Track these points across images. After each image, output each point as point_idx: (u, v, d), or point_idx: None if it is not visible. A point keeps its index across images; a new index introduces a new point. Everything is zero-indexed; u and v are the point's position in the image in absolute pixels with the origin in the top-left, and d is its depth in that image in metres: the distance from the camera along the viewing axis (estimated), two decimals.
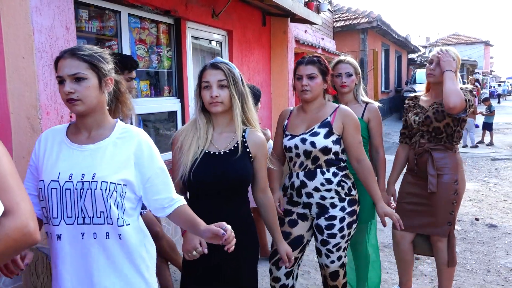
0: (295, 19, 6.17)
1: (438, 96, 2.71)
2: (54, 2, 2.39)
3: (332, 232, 2.32)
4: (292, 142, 2.34)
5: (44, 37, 2.31)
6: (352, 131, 2.31)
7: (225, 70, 1.82)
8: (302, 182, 2.32)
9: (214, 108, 1.82)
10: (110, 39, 3.42)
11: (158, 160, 1.56)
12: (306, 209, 2.39)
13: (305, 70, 2.30)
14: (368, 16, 12.95)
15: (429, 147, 2.68)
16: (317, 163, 2.30)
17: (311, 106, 2.37)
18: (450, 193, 2.68)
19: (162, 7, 3.80)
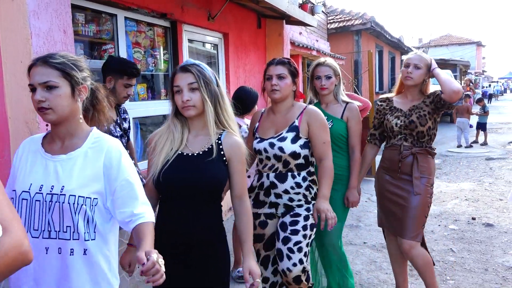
0: (290, 21, 6.20)
1: (414, 99, 2.78)
2: (52, 6, 2.37)
3: (295, 228, 2.32)
4: (261, 145, 2.36)
5: (42, 41, 2.30)
6: (317, 131, 2.33)
7: (194, 72, 1.74)
8: (272, 183, 2.34)
9: (187, 112, 1.76)
10: (106, 43, 3.41)
11: (125, 172, 1.50)
12: (273, 209, 2.40)
13: (275, 70, 2.33)
14: (361, 18, 13.00)
15: (415, 151, 2.71)
16: (288, 166, 2.32)
17: (280, 107, 2.39)
18: (427, 196, 2.73)
19: (158, 10, 3.80)
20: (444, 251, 4.13)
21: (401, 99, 2.86)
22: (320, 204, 2.31)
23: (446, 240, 4.43)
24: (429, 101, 2.72)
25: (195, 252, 1.78)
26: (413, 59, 2.74)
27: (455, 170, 8.04)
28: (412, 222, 2.71)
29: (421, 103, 2.74)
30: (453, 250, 4.13)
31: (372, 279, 3.54)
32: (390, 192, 2.81)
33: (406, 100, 2.83)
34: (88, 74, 1.55)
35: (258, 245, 2.49)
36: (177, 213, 1.78)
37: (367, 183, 6.08)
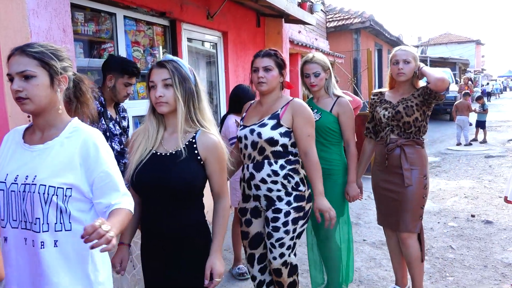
0: (289, 19, 6.21)
1: (405, 92, 2.80)
2: (51, 5, 2.39)
3: (275, 225, 2.30)
4: (242, 132, 2.37)
5: (41, 39, 2.31)
6: (301, 124, 2.30)
7: (170, 68, 1.69)
8: (251, 174, 2.33)
9: (160, 109, 1.71)
10: (106, 41, 3.42)
11: (104, 162, 1.48)
12: (256, 202, 2.39)
13: (261, 62, 2.31)
14: (360, 16, 13.02)
15: (401, 143, 2.72)
16: (264, 154, 2.29)
17: (268, 99, 2.38)
18: (421, 188, 2.74)
19: (158, 9, 3.81)
20: (444, 248, 4.14)
21: (393, 93, 2.88)
22: (320, 203, 2.32)
23: (445, 237, 4.44)
24: (417, 94, 2.74)
25: (174, 252, 1.75)
26: (401, 55, 2.75)
27: (454, 168, 8.05)
28: (408, 215, 2.73)
29: (410, 95, 2.76)
30: (453, 247, 4.15)
31: (372, 275, 3.55)
32: (384, 187, 2.83)
33: (397, 94, 2.85)
34: (69, 64, 1.53)
35: (245, 242, 2.50)
36: (154, 213, 1.75)
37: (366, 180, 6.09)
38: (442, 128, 13.51)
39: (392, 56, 2.82)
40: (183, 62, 1.76)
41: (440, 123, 14.92)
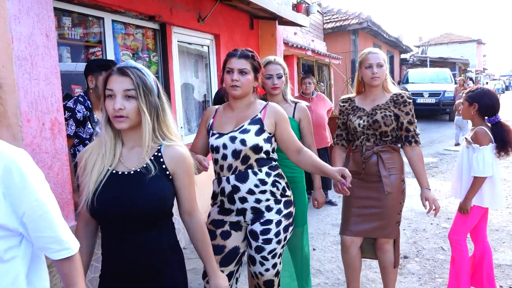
0: (283, 21, 6.21)
1: (377, 98, 2.74)
2: (34, 10, 2.40)
3: (267, 237, 2.16)
4: (220, 141, 2.15)
5: (23, 45, 2.32)
6: (286, 127, 2.21)
7: (133, 77, 1.52)
8: (234, 187, 2.14)
9: (118, 125, 1.52)
10: (94, 46, 3.43)
11: (35, 191, 1.21)
12: (240, 216, 2.21)
13: (237, 64, 2.14)
14: (358, 17, 13.03)
15: (377, 150, 2.66)
16: (248, 163, 2.13)
17: (239, 104, 2.21)
18: (399, 193, 2.70)
19: (147, 13, 3.82)
20: (435, 249, 4.14)
21: (363, 99, 2.80)
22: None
23: (437, 238, 4.44)
24: (393, 104, 2.68)
25: (146, 282, 1.59)
26: (374, 59, 2.68)
27: (451, 169, 8.03)
28: (386, 221, 2.70)
29: (386, 103, 2.69)
30: (444, 248, 4.14)
31: (361, 277, 3.54)
32: (360, 196, 2.73)
33: (368, 99, 2.77)
34: None
35: (217, 257, 2.17)
36: (119, 242, 1.56)
37: None
38: (441, 129, 13.49)
39: (363, 59, 2.74)
40: (147, 70, 1.60)
41: (439, 123, 14.89)
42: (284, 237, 2.23)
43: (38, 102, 2.38)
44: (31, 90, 2.34)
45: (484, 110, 2.91)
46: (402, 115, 2.66)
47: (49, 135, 2.45)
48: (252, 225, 2.20)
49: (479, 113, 2.92)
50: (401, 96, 2.69)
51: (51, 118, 2.46)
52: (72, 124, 2.67)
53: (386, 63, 2.74)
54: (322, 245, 4.36)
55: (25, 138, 2.30)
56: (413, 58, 23.09)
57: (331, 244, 4.33)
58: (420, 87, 15.15)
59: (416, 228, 4.76)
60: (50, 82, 2.47)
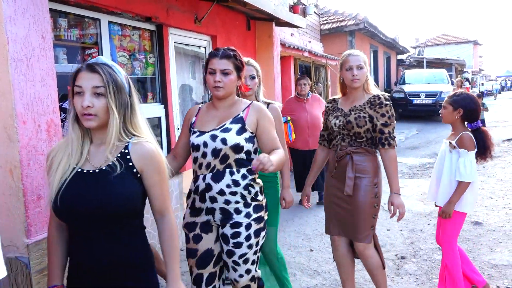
0: (280, 22, 6.22)
1: (357, 99, 2.75)
2: (29, 12, 2.39)
3: (238, 241, 2.12)
4: (200, 139, 2.14)
5: (19, 46, 2.31)
6: (268, 127, 2.18)
7: (103, 74, 1.47)
8: (208, 185, 2.11)
9: (87, 123, 1.48)
10: (90, 47, 3.43)
11: None
12: (209, 216, 2.17)
13: (219, 65, 2.12)
14: (355, 18, 13.06)
15: (350, 150, 2.67)
16: (226, 162, 2.11)
17: (223, 103, 2.21)
18: (371, 197, 2.67)
19: (143, 14, 3.82)
20: (432, 249, 4.14)
21: (345, 100, 2.84)
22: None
23: (434, 238, 4.43)
24: (369, 106, 2.68)
25: (114, 282, 1.53)
26: (354, 61, 2.69)
27: None
28: (359, 225, 2.68)
29: (363, 105, 2.70)
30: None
31: (358, 278, 3.55)
32: (336, 196, 2.76)
33: (348, 101, 2.80)
34: None
35: (192, 260, 2.24)
36: (86, 243, 1.50)
37: None
38: (437, 129, 13.51)
39: (343, 62, 2.75)
40: (118, 67, 1.56)
41: (436, 124, 14.91)
42: (256, 242, 2.17)
43: (34, 104, 2.37)
44: (27, 92, 2.33)
45: (468, 116, 2.93)
46: (377, 116, 2.64)
47: (45, 137, 2.44)
48: (223, 228, 2.16)
49: (462, 118, 2.93)
50: (378, 97, 2.68)
51: (47, 120, 2.46)
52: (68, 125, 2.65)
53: (367, 65, 2.74)
54: (319, 246, 4.36)
55: (21, 139, 2.29)
56: (409, 59, 23.16)
57: (328, 245, 4.31)
58: (416, 88, 15.19)
59: (413, 228, 4.76)
60: (46, 84, 2.46)
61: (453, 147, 2.89)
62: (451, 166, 2.89)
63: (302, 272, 3.72)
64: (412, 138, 12.01)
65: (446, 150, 2.95)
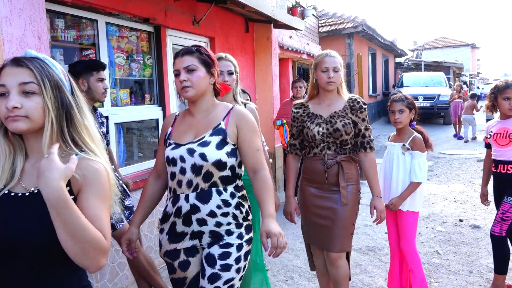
0: (278, 25, 6.21)
1: (333, 103, 2.64)
2: (25, 12, 2.37)
3: (227, 263, 1.84)
4: (176, 152, 1.88)
5: (15, 47, 2.29)
6: (248, 136, 1.91)
7: (34, 68, 1.18)
8: (194, 207, 1.84)
9: (12, 125, 1.16)
10: (87, 48, 3.40)
11: None
12: (195, 240, 1.90)
13: (182, 63, 1.87)
14: (353, 21, 13.06)
15: (340, 159, 2.57)
16: (211, 180, 1.85)
17: (199, 107, 1.94)
18: (355, 204, 2.63)
19: (141, 15, 3.79)
20: (430, 253, 4.13)
21: (318, 103, 2.69)
22: (270, 226, 1.78)
23: (432, 242, 4.43)
24: (350, 112, 2.60)
25: None
26: (330, 63, 2.58)
27: (446, 172, 8.05)
28: (341, 233, 2.58)
29: (344, 111, 2.60)
30: (439, 252, 4.13)
31: (356, 282, 3.53)
32: (316, 205, 2.63)
33: (323, 104, 2.66)
34: None
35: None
36: (9, 283, 1.18)
37: None
38: (435, 132, 13.52)
39: (319, 62, 2.63)
40: (53, 61, 1.26)
41: (434, 127, 14.94)
42: (244, 266, 1.92)
43: None
44: None
45: (414, 117, 3.00)
46: (359, 121, 2.60)
47: None
48: (209, 248, 1.88)
49: (411, 120, 2.99)
50: (357, 102, 2.61)
51: None
52: None
53: (342, 67, 2.65)
54: None
55: None
56: (407, 62, 23.20)
57: None
58: (414, 91, 15.21)
59: None
60: None
61: (406, 149, 2.90)
62: (405, 168, 2.90)
63: (300, 276, 3.70)
64: None
65: (398, 152, 2.95)
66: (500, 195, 3.18)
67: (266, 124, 6.15)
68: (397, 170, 2.94)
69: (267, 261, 3.88)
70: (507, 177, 3.10)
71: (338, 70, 2.59)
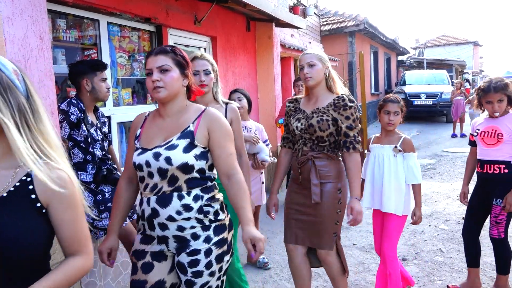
0: (280, 23, 6.20)
1: (320, 100, 2.60)
2: (27, 12, 2.37)
3: (197, 270, 1.80)
4: (142, 158, 1.81)
5: (17, 47, 2.30)
6: (221, 140, 1.84)
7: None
8: (154, 210, 1.79)
9: None
10: (89, 48, 3.41)
11: None
12: (162, 245, 1.85)
13: (155, 62, 1.80)
14: (355, 19, 13.04)
15: (311, 156, 2.54)
16: (176, 184, 1.79)
17: (169, 109, 1.86)
18: (334, 202, 2.57)
19: (142, 15, 3.80)
20: (433, 251, 4.12)
21: (307, 100, 2.68)
22: (253, 232, 1.75)
23: (435, 240, 4.42)
24: (333, 108, 2.53)
25: None
26: (305, 59, 2.56)
27: (449, 170, 8.02)
28: (322, 231, 2.57)
29: (327, 107, 2.55)
30: (442, 250, 4.12)
31: (359, 280, 3.53)
32: (298, 203, 2.64)
33: (310, 101, 2.65)
34: None
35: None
36: None
37: None
38: (438, 130, 13.49)
39: (298, 62, 2.65)
40: (4, 61, 1.18)
41: (437, 125, 14.91)
42: (219, 268, 1.87)
43: None
44: None
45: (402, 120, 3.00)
46: (342, 119, 2.50)
47: None
48: (178, 255, 1.84)
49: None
50: (342, 99, 2.53)
51: None
52: (66, 126, 2.64)
53: (324, 62, 2.59)
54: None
55: None
56: (410, 60, 23.15)
57: None
58: (417, 89, 15.18)
59: (415, 230, 4.73)
60: (44, 85, 2.44)
61: (398, 151, 2.87)
62: (397, 170, 2.86)
63: None
64: (412, 139, 11.93)
65: (389, 154, 2.89)
66: (484, 196, 3.11)
67: (268, 123, 6.15)
68: (389, 173, 2.86)
69: (269, 259, 3.89)
70: (493, 177, 3.01)
71: (314, 64, 2.54)
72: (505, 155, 2.96)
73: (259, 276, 3.66)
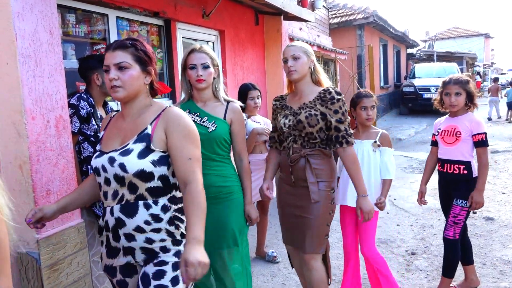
0: (288, 17, 6.17)
1: (305, 94, 2.48)
2: (37, 7, 2.39)
3: (161, 283, 1.60)
4: (99, 161, 1.67)
5: (27, 42, 2.31)
6: (178, 142, 1.63)
7: None
8: (119, 220, 1.63)
9: None
10: (98, 43, 3.43)
11: None
12: (128, 256, 1.69)
13: (113, 58, 1.63)
14: (364, 12, 12.93)
15: (305, 153, 2.42)
16: (137, 192, 1.62)
17: (130, 109, 1.71)
18: (328, 202, 2.45)
19: (151, 9, 3.81)
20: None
21: (293, 96, 2.57)
22: (191, 253, 1.44)
23: None
24: (320, 102, 2.42)
25: None
26: (289, 52, 2.44)
27: None
28: (312, 233, 2.44)
29: (314, 101, 2.43)
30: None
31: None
32: (289, 203, 2.53)
33: (296, 97, 2.53)
34: None
35: None
36: None
37: None
38: None
39: (282, 54, 2.57)
40: None
41: None
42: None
43: (43, 100, 2.38)
44: (36, 88, 2.33)
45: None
46: (330, 113, 2.38)
47: (54, 132, 2.44)
48: (145, 266, 1.67)
49: None
50: (329, 92, 2.41)
51: (56, 116, 2.46)
52: (76, 121, 2.66)
53: (309, 55, 2.47)
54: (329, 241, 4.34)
55: (30, 135, 2.30)
56: (420, 53, 22.92)
57: (337, 241, 4.30)
58: (427, 82, 15.03)
59: (424, 224, 4.72)
60: (55, 79, 2.46)
61: (377, 146, 2.83)
62: (376, 165, 2.83)
63: None
64: (422, 133, 11.88)
65: (368, 149, 2.84)
66: (447, 195, 3.10)
67: None
68: (369, 168, 2.80)
69: (278, 253, 3.90)
70: (453, 177, 3.00)
71: (299, 57, 2.42)
72: (464, 155, 2.96)
73: (267, 270, 3.68)
